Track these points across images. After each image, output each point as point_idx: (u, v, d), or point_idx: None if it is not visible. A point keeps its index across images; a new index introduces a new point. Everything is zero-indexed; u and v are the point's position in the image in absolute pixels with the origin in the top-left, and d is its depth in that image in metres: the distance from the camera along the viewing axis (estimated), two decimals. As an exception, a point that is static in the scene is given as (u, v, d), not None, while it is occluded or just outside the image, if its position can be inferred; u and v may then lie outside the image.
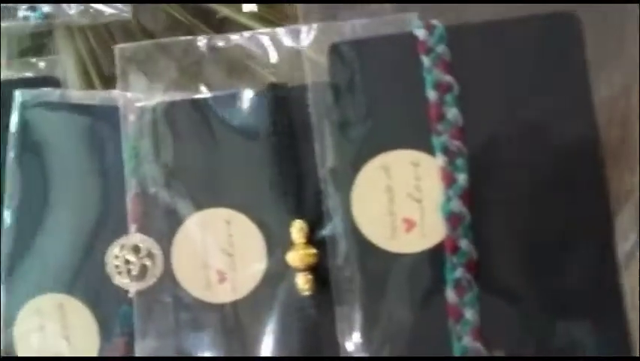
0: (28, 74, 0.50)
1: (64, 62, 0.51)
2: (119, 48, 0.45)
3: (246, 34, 0.44)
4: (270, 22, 0.49)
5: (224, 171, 0.43)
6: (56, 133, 0.47)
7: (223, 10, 0.50)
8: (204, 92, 0.45)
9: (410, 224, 0.39)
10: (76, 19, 0.50)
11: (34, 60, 0.51)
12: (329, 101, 0.41)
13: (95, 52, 0.51)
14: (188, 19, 0.52)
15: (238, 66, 0.45)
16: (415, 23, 0.41)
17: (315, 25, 0.42)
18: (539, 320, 0.37)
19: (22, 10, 0.50)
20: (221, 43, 0.45)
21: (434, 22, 0.41)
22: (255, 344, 0.41)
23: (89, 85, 0.51)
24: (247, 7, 0.50)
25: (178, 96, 0.45)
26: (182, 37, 0.45)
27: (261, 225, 0.42)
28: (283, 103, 0.43)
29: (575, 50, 0.39)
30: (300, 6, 0.43)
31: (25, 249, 0.46)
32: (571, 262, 0.38)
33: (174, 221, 0.43)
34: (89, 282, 0.45)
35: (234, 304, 0.42)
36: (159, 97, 0.45)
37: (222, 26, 0.51)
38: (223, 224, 0.43)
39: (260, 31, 0.44)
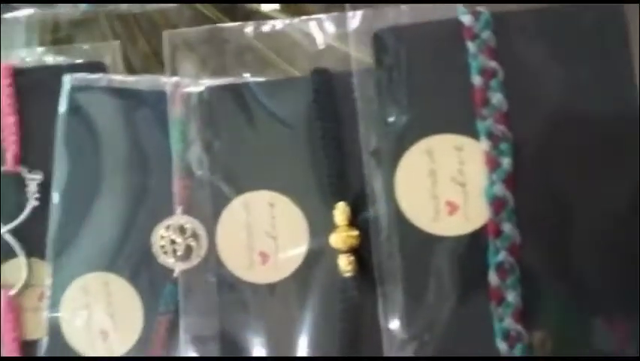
0: (77, 60, 0.51)
1: (111, 48, 0.51)
2: (168, 33, 0.46)
3: (294, 20, 0.44)
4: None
5: (269, 155, 0.44)
6: (104, 117, 0.48)
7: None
8: (250, 78, 0.45)
9: (453, 207, 0.39)
10: (125, 7, 0.51)
11: (82, 46, 0.52)
12: (374, 87, 0.41)
13: (139, 38, 0.52)
14: (214, 13, 0.53)
15: (284, 52, 0.46)
16: (461, 10, 0.41)
17: (360, 12, 0.43)
18: (580, 304, 0.38)
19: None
20: (267, 29, 0.45)
21: (480, 8, 0.41)
22: (297, 325, 0.42)
23: (135, 71, 0.52)
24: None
25: (224, 82, 0.45)
26: (230, 24, 0.46)
27: (304, 207, 0.43)
28: (327, 88, 0.43)
29: (620, 41, 0.39)
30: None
31: (72, 229, 0.47)
32: (613, 248, 0.38)
33: (219, 203, 0.44)
34: (133, 261, 0.46)
35: (277, 284, 0.43)
36: (206, 82, 0.45)
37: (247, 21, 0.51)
38: (266, 206, 0.43)
39: (306, 17, 0.45)
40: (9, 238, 0.48)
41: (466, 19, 0.40)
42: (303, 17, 0.45)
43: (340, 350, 0.41)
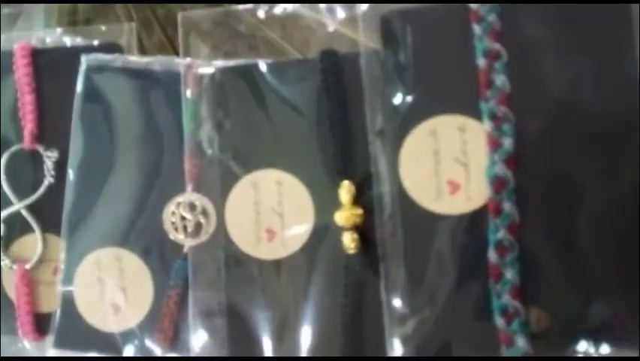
0: (93, 41, 0.52)
1: (127, 29, 0.52)
2: (182, 15, 0.47)
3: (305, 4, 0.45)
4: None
5: (277, 135, 0.45)
6: (118, 96, 0.49)
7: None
8: (260, 59, 0.46)
9: (455, 186, 0.40)
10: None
11: (99, 27, 0.53)
12: (381, 68, 0.42)
13: (154, 25, 0.53)
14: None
15: (294, 35, 0.47)
16: (466, -6, 0.42)
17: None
18: (577, 283, 0.38)
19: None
20: (279, 12, 0.46)
21: (486, -7, 0.41)
22: (301, 300, 0.43)
23: (149, 51, 0.53)
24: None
25: (236, 63, 0.46)
26: (243, 5, 0.47)
27: (311, 186, 0.44)
28: (335, 69, 0.44)
29: (624, 30, 0.40)
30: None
31: (86, 205, 0.48)
32: (612, 228, 0.39)
33: (228, 181, 0.45)
34: (145, 237, 0.47)
35: (283, 260, 0.44)
36: (218, 63, 0.47)
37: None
38: (274, 185, 0.45)
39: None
40: (25, 214, 0.50)
41: (472, 2, 0.41)
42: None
43: (343, 324, 0.42)
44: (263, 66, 0.46)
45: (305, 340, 0.43)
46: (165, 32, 0.53)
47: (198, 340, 0.45)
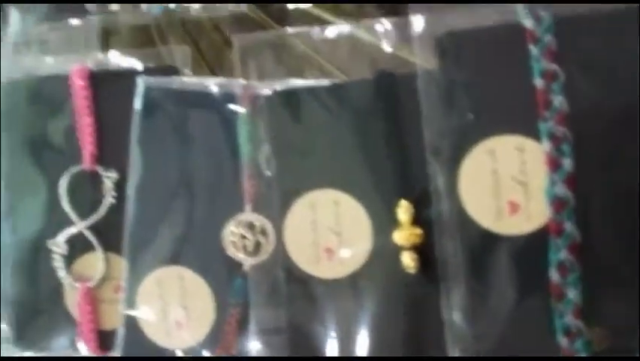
0: (150, 64, 0.53)
1: (182, 51, 0.53)
2: (238, 38, 0.48)
3: (358, 25, 0.46)
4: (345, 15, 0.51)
5: (334, 155, 0.45)
6: (176, 117, 0.50)
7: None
8: (316, 80, 0.47)
9: (515, 207, 0.40)
10: (197, 13, 0.53)
11: (152, 50, 0.54)
12: (437, 88, 0.42)
13: (207, 43, 0.54)
14: (252, 9, 0.54)
15: (348, 55, 0.47)
16: (522, 12, 0.42)
17: (422, 16, 0.44)
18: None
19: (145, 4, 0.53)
20: (332, 34, 0.47)
21: (541, 12, 0.42)
22: (361, 318, 0.44)
23: (205, 73, 0.54)
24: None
25: (290, 84, 0.47)
26: (296, 29, 0.48)
27: (368, 205, 0.45)
28: (390, 90, 0.45)
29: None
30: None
31: (146, 224, 0.50)
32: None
33: (286, 201, 0.46)
34: (204, 255, 0.48)
35: (342, 279, 0.44)
36: (273, 85, 0.47)
37: (284, 18, 0.53)
38: (331, 205, 0.45)
39: (369, 21, 0.46)
40: (87, 234, 0.51)
41: (528, 22, 0.41)
42: (366, 21, 0.46)
43: (403, 343, 0.42)
44: (318, 87, 0.46)
45: (366, 357, 0.43)
46: (217, 55, 0.54)
47: (260, 357, 0.45)
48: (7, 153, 0.53)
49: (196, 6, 0.53)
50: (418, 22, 0.44)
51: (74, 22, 0.55)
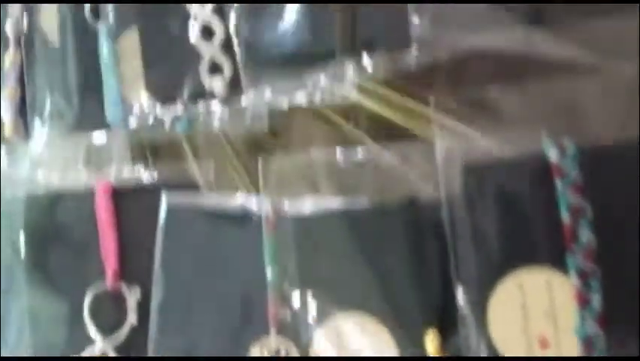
0: (174, 179, 0.54)
1: (205, 167, 0.54)
2: (262, 158, 0.48)
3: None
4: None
5: (360, 279, 0.46)
6: (200, 235, 0.50)
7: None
8: (342, 203, 0.47)
9: (544, 343, 0.40)
10: (220, 127, 0.53)
11: (179, 165, 0.54)
12: (463, 219, 0.43)
13: (234, 158, 0.54)
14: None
15: (372, 178, 0.48)
16: (546, 143, 0.42)
17: (447, 143, 0.45)
18: None
19: (167, 118, 0.54)
20: (357, 158, 0.48)
21: (565, 141, 0.42)
22: None
23: (229, 189, 0.54)
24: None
25: (317, 205, 0.48)
26: (322, 151, 0.48)
27: (394, 331, 0.45)
28: (415, 217, 0.45)
29: None
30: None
31: (170, 345, 0.49)
32: None
33: (312, 325, 0.46)
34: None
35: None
36: (298, 206, 0.48)
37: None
38: (357, 329, 0.45)
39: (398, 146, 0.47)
40: (110, 353, 0.51)
41: (553, 154, 0.42)
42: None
43: None
44: (345, 212, 0.47)
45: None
46: (242, 171, 0.54)
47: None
48: (28, 266, 0.53)
49: (220, 122, 0.53)
50: (442, 148, 0.45)
51: (98, 137, 0.56)
